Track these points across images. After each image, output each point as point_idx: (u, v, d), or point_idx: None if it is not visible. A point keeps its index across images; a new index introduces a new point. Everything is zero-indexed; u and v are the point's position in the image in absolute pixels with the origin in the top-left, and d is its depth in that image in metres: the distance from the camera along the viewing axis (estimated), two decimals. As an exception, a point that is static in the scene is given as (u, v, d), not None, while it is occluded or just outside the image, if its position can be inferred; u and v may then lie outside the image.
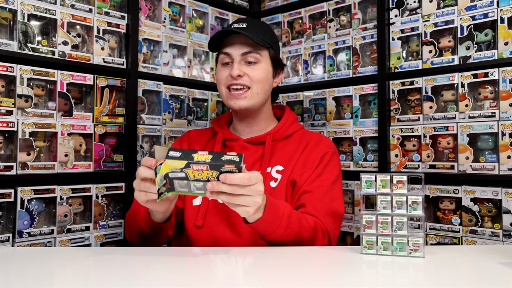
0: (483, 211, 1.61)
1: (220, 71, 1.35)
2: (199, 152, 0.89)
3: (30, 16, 1.53)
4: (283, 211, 1.08)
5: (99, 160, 1.70)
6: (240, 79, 1.30)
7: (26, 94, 1.51)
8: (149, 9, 1.92)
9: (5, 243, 1.45)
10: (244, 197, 0.93)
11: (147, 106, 1.88)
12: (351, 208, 1.94)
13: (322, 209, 1.21)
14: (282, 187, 1.27)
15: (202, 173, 0.88)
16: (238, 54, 1.31)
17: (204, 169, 0.88)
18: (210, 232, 1.26)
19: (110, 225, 1.71)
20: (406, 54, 1.87)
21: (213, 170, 0.88)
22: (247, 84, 1.31)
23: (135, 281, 0.83)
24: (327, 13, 2.08)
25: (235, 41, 1.32)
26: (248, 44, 1.31)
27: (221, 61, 1.35)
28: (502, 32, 1.61)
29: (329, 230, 1.20)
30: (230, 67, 1.33)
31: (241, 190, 0.91)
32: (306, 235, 1.12)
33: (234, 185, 0.90)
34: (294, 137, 1.38)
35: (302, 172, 1.27)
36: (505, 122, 1.58)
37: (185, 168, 0.88)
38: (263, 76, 1.33)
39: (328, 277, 0.86)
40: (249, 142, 1.36)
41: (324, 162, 1.30)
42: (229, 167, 0.87)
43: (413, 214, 0.96)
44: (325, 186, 1.26)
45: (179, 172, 0.89)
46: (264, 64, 1.34)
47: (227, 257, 1.01)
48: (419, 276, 0.89)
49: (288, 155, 1.32)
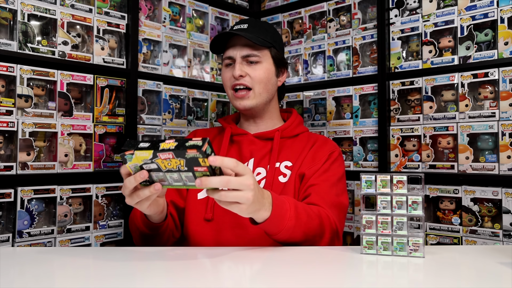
0: (483, 211, 1.61)
1: (224, 73, 1.39)
2: (166, 141, 0.86)
3: (30, 16, 1.53)
4: (289, 204, 1.06)
5: (99, 160, 1.70)
6: (241, 79, 1.33)
7: (26, 94, 1.51)
8: (149, 9, 1.92)
9: (5, 243, 1.45)
10: (234, 192, 0.90)
11: (147, 106, 1.88)
12: (351, 208, 1.94)
13: (328, 200, 1.22)
14: (292, 182, 1.29)
15: (170, 161, 0.85)
16: (240, 55, 1.34)
17: (170, 157, 0.84)
18: (216, 226, 1.26)
19: (110, 225, 1.71)
20: (406, 54, 1.87)
21: (179, 158, 0.84)
22: (249, 84, 1.34)
23: (135, 281, 0.83)
24: (327, 13, 2.08)
25: (236, 42, 1.35)
26: (248, 45, 1.34)
27: (224, 63, 1.40)
28: (502, 32, 1.61)
29: (335, 219, 1.19)
30: (232, 68, 1.36)
31: (230, 185, 0.88)
32: (314, 223, 1.11)
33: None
34: (301, 137, 1.40)
35: (311, 166, 1.30)
36: (505, 122, 1.58)
37: (153, 158, 0.86)
38: (264, 76, 1.35)
39: (328, 277, 0.86)
40: (257, 137, 1.37)
41: (332, 160, 1.33)
42: (192, 152, 0.81)
43: (413, 214, 0.96)
44: (331, 180, 1.28)
45: (151, 163, 0.87)
46: (266, 64, 1.36)
47: (227, 257, 1.01)
48: (419, 276, 0.89)
49: (296, 152, 1.35)
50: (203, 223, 1.26)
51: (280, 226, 1.04)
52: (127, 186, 0.94)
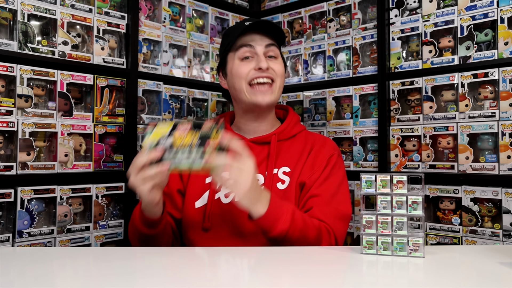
0: (483, 211, 1.61)
1: (241, 66, 1.29)
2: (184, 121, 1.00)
3: (30, 16, 1.54)
4: (287, 207, 1.08)
5: (99, 160, 1.70)
6: (267, 71, 1.27)
7: (26, 94, 1.52)
8: (149, 9, 1.92)
9: (5, 243, 1.45)
10: (236, 173, 0.98)
11: (147, 106, 1.89)
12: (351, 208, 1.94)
13: (330, 213, 1.20)
14: (291, 189, 1.25)
15: (186, 136, 0.98)
16: (262, 47, 1.29)
17: (188, 129, 0.98)
18: (215, 234, 1.24)
19: (110, 225, 1.71)
20: (406, 54, 1.87)
21: (196, 129, 0.97)
22: (273, 77, 1.29)
23: (135, 281, 0.83)
24: (327, 13, 2.08)
25: (255, 36, 1.30)
26: (268, 39, 1.31)
27: (240, 56, 1.30)
28: (502, 32, 1.61)
29: (336, 232, 1.19)
30: (251, 61, 1.29)
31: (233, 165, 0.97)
32: (311, 234, 1.12)
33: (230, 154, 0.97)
34: (299, 138, 1.36)
35: (311, 174, 1.26)
36: (505, 122, 1.58)
37: (173, 129, 0.98)
38: (283, 71, 1.34)
39: (328, 277, 0.86)
40: (254, 142, 1.33)
41: (331, 164, 1.29)
42: (208, 124, 0.97)
43: (413, 214, 0.96)
44: (332, 189, 1.25)
45: (167, 138, 0.98)
46: (281, 60, 1.35)
47: (227, 257, 1.01)
48: (419, 276, 0.89)
49: (294, 156, 1.30)
50: (202, 233, 1.25)
51: (274, 226, 1.05)
52: (137, 163, 0.99)
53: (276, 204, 1.06)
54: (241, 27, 1.29)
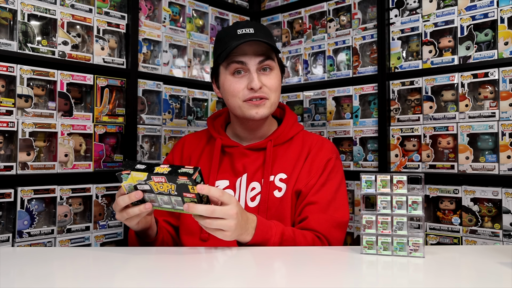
0: (483, 211, 1.61)
1: (233, 83, 1.24)
2: (161, 165, 0.94)
3: (30, 16, 1.54)
4: (276, 229, 1.09)
5: (99, 160, 1.70)
6: (259, 90, 1.23)
7: (26, 94, 1.52)
8: (149, 9, 1.92)
9: (5, 243, 1.45)
10: (219, 220, 0.96)
11: (147, 106, 1.89)
12: (351, 208, 1.94)
13: (326, 222, 1.19)
14: (288, 197, 1.23)
15: (162, 185, 0.93)
16: (254, 63, 1.22)
17: (163, 181, 0.93)
18: (212, 246, 1.22)
19: (110, 225, 1.71)
20: (406, 54, 1.87)
21: (171, 183, 0.92)
22: (266, 95, 1.24)
23: (135, 281, 0.83)
24: (327, 13, 2.08)
25: (247, 48, 1.22)
26: (261, 51, 1.23)
27: (231, 71, 1.24)
28: (502, 32, 1.61)
29: (331, 241, 1.19)
30: (244, 77, 1.23)
31: (214, 214, 0.95)
32: None
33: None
34: (296, 141, 1.32)
35: (307, 181, 1.24)
36: (505, 122, 1.58)
37: (147, 180, 0.94)
38: (278, 84, 1.28)
39: (328, 277, 0.86)
40: (249, 149, 1.30)
41: (328, 169, 1.26)
42: (183, 179, 0.90)
43: (413, 214, 0.96)
44: (329, 195, 1.23)
45: (144, 184, 0.95)
46: (277, 71, 1.28)
47: (226, 257, 1.01)
48: (419, 276, 0.89)
49: (291, 162, 1.27)
50: (200, 243, 1.23)
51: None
52: (120, 204, 1.00)
53: (263, 229, 1.07)
54: (233, 37, 1.22)
